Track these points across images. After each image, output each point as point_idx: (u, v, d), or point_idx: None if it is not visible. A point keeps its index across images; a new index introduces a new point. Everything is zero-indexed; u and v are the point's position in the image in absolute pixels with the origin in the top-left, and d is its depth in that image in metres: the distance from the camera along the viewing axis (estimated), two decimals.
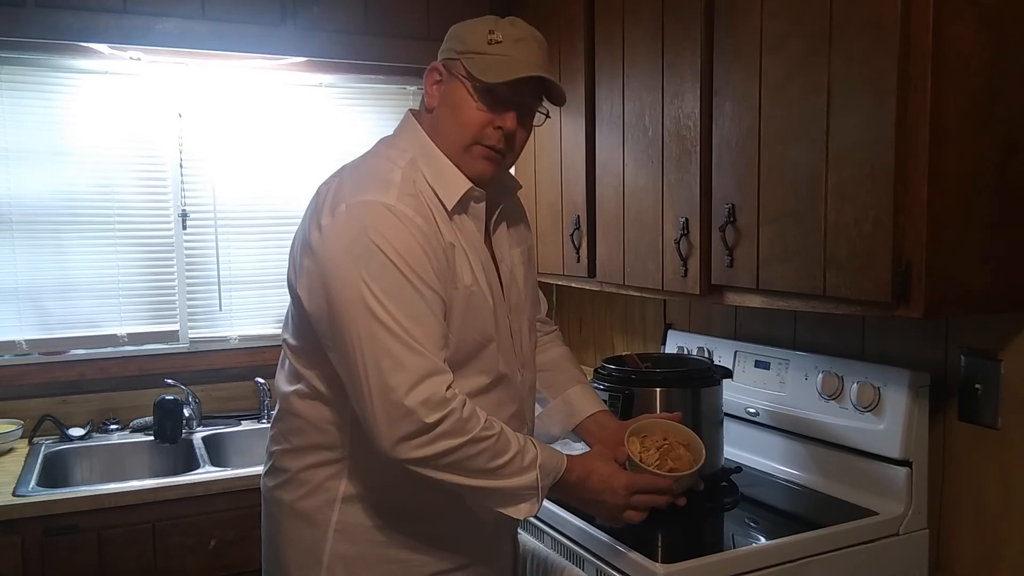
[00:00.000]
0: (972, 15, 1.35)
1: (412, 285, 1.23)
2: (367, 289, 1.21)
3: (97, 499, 2.02)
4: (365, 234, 1.23)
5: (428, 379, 1.21)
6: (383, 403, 1.20)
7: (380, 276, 1.22)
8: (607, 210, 2.14)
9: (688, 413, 1.88)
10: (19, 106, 2.47)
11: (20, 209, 2.49)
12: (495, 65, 1.31)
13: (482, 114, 1.33)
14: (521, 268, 1.50)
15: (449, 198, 1.34)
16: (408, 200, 1.29)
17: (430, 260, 1.27)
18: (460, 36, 1.36)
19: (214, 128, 2.70)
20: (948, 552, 1.72)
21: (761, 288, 1.66)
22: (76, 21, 2.24)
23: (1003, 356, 1.60)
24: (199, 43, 2.38)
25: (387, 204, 1.26)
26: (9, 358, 2.50)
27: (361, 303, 1.21)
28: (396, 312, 1.21)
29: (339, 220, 1.26)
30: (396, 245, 1.23)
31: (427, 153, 1.37)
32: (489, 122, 1.34)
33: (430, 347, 1.23)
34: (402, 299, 1.22)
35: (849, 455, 1.81)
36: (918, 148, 1.35)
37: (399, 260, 1.23)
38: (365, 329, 1.21)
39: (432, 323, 1.25)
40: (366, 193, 1.28)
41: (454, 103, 1.35)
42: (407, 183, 1.31)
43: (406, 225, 1.25)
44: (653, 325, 2.59)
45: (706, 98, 1.76)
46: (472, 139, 1.35)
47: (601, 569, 1.61)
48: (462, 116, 1.34)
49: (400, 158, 1.36)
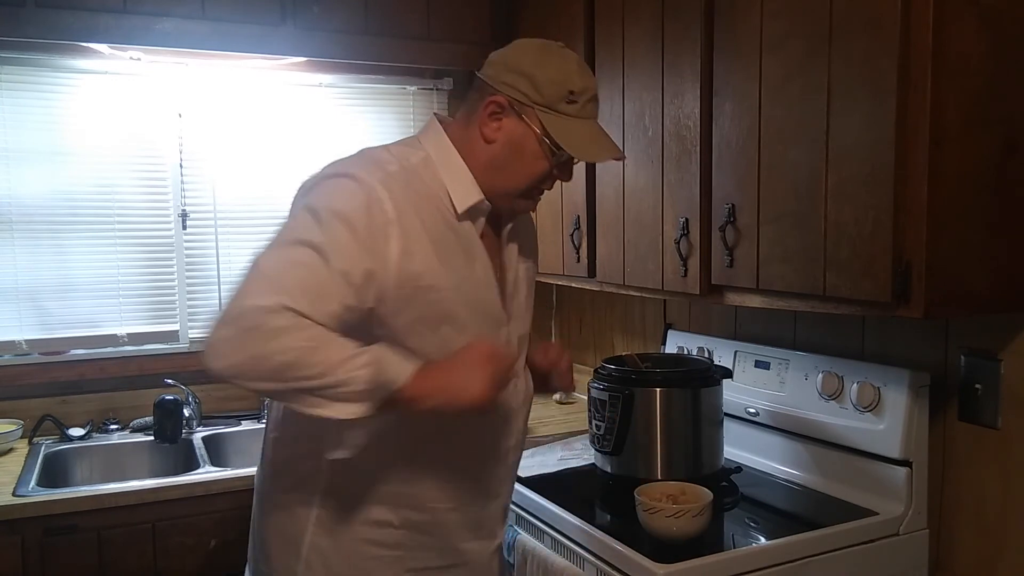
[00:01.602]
0: (972, 15, 1.35)
1: (326, 260, 1.22)
2: (299, 225, 1.26)
3: (97, 499, 2.02)
4: (322, 198, 1.28)
5: (252, 306, 1.19)
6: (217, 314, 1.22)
7: (312, 226, 1.24)
8: (607, 210, 2.14)
9: (688, 413, 1.88)
10: (19, 106, 2.47)
11: (20, 209, 2.48)
12: (576, 134, 1.33)
13: (549, 167, 1.35)
14: (525, 283, 1.50)
15: (461, 203, 1.35)
16: (395, 183, 1.29)
17: (367, 244, 1.25)
18: (533, 79, 1.31)
19: (214, 128, 2.70)
20: (948, 552, 1.72)
21: (761, 288, 1.66)
22: (76, 21, 2.23)
23: (1003, 356, 1.60)
24: (199, 43, 2.38)
25: (366, 180, 1.27)
26: (9, 358, 2.50)
27: (287, 233, 1.26)
28: (277, 255, 1.24)
29: (312, 180, 1.33)
30: (341, 216, 1.24)
31: (446, 157, 1.37)
32: (548, 171, 1.36)
33: (282, 290, 1.20)
34: (290, 252, 1.23)
35: (849, 455, 1.81)
36: (918, 148, 1.35)
37: (328, 228, 1.23)
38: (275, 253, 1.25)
39: (320, 290, 1.23)
40: (349, 167, 1.30)
41: (521, 151, 1.34)
42: (405, 172, 1.32)
43: (366, 206, 1.26)
44: (653, 325, 2.59)
45: (706, 98, 1.76)
46: (531, 184, 1.37)
47: (601, 569, 1.61)
48: (529, 167, 1.35)
49: (412, 154, 1.36)
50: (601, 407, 1.91)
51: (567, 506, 1.78)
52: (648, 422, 1.86)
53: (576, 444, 2.30)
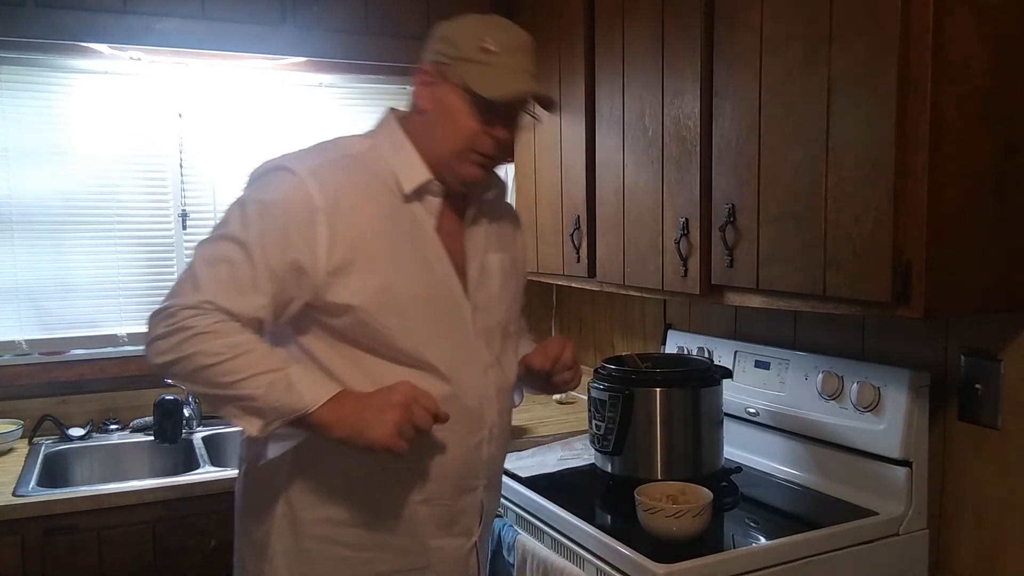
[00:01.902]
0: (972, 15, 1.35)
1: (249, 254, 1.26)
2: (227, 222, 1.31)
3: (97, 499, 2.02)
4: (253, 190, 1.33)
5: (179, 305, 1.24)
6: (155, 310, 1.27)
7: (236, 220, 1.29)
8: (607, 210, 2.14)
9: (688, 413, 1.88)
10: (19, 106, 2.47)
11: (20, 209, 2.48)
12: (492, 78, 1.32)
13: (476, 123, 1.34)
14: (499, 274, 1.48)
15: (408, 183, 1.36)
16: (329, 171, 1.31)
17: (292, 235, 1.27)
18: (451, 40, 1.35)
19: (214, 128, 2.70)
20: (948, 552, 1.72)
21: (761, 288, 1.66)
22: (76, 21, 2.23)
23: (1003, 356, 1.60)
24: (199, 43, 2.38)
25: (294, 171, 1.29)
26: (9, 358, 2.50)
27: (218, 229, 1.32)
28: (208, 252, 1.29)
29: (252, 173, 1.37)
30: (265, 207, 1.28)
31: (394, 141, 1.39)
32: (484, 131, 1.35)
33: (207, 288, 1.25)
34: (219, 247, 1.28)
35: (849, 455, 1.81)
36: (918, 148, 1.35)
37: (252, 222, 1.28)
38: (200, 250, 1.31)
39: (245, 285, 1.26)
40: (284, 160, 1.33)
41: (447, 109, 1.35)
42: (346, 159, 1.35)
43: (291, 197, 1.28)
44: (653, 325, 2.59)
45: (706, 98, 1.76)
46: (467, 145, 1.36)
47: (601, 569, 1.61)
48: (457, 124, 1.35)
49: (359, 143, 1.40)
50: (601, 407, 1.91)
51: (567, 506, 1.78)
52: (648, 422, 1.86)
53: (576, 444, 2.30)
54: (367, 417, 1.24)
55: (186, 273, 1.28)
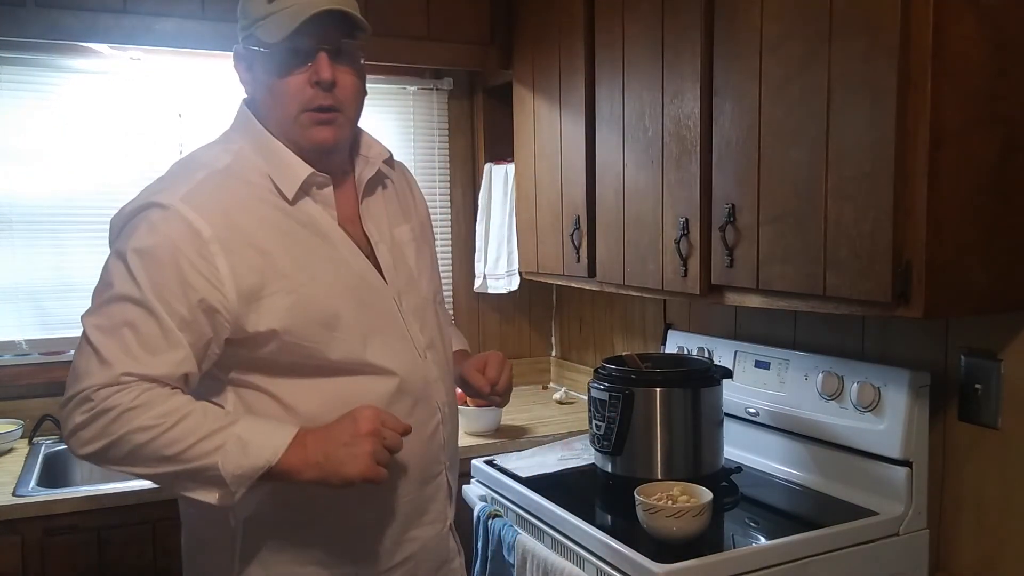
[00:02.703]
0: (972, 15, 1.35)
1: (150, 311, 1.16)
2: (99, 294, 1.20)
3: (97, 499, 2.02)
4: (128, 239, 1.20)
5: (93, 387, 1.14)
6: (64, 400, 1.18)
7: (112, 282, 1.18)
8: (607, 210, 2.14)
9: (688, 413, 1.88)
10: (19, 106, 2.47)
11: (20, 209, 2.48)
12: (276, 23, 1.22)
13: (292, 78, 1.25)
14: (411, 245, 1.41)
15: (288, 187, 1.27)
16: (202, 195, 1.21)
17: (189, 275, 1.17)
18: (243, 9, 1.28)
19: (214, 128, 2.68)
20: (948, 552, 1.72)
21: (761, 288, 1.66)
22: (76, 21, 2.23)
23: (1003, 356, 1.60)
24: (199, 43, 2.37)
25: (167, 205, 1.19)
26: (9, 358, 2.50)
27: (94, 302, 1.20)
28: (102, 321, 1.17)
29: (119, 218, 1.25)
30: (151, 256, 1.17)
31: (259, 142, 1.30)
32: (303, 83, 1.25)
33: (118, 360, 1.15)
34: (113, 312, 1.17)
35: (849, 455, 1.81)
36: (918, 148, 1.35)
37: (140, 274, 1.16)
38: (87, 324, 1.19)
39: (156, 344, 1.16)
40: (151, 195, 1.23)
41: (262, 79, 1.28)
42: (215, 176, 1.24)
43: (173, 235, 1.18)
44: (653, 325, 2.60)
45: (706, 98, 1.76)
46: (297, 108, 1.26)
47: (601, 569, 1.61)
48: (275, 89, 1.26)
49: (224, 153, 1.29)
50: (601, 407, 1.91)
51: (567, 506, 1.78)
52: (648, 422, 1.86)
53: (576, 444, 2.30)
54: (337, 455, 1.17)
55: (84, 351, 1.16)
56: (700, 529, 1.57)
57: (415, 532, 1.39)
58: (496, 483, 2.05)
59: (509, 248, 2.77)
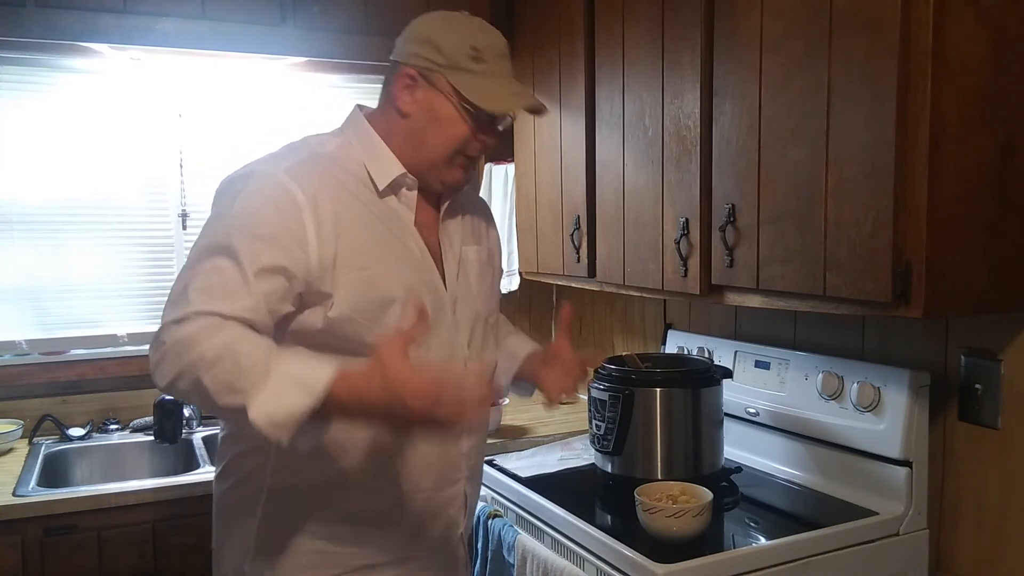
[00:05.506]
0: (972, 15, 1.35)
1: (238, 263, 1.21)
2: (205, 236, 1.27)
3: (97, 499, 2.02)
4: (230, 197, 1.28)
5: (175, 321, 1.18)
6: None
7: (219, 232, 1.25)
8: (607, 210, 2.14)
9: (688, 413, 1.88)
10: (19, 106, 2.47)
11: (20, 209, 2.48)
12: (486, 89, 1.33)
13: (468, 129, 1.36)
14: (476, 266, 1.49)
15: (381, 178, 1.36)
16: (303, 169, 1.30)
17: (280, 234, 1.24)
18: (437, 45, 1.34)
19: (214, 128, 2.70)
20: (948, 552, 1.72)
21: (761, 288, 1.66)
22: (76, 21, 2.23)
23: (1003, 356, 1.60)
24: (199, 43, 2.37)
25: (269, 173, 1.28)
26: (9, 358, 2.50)
27: (199, 245, 1.26)
28: (200, 268, 1.23)
29: (224, 182, 1.33)
30: (249, 214, 1.25)
31: (366, 139, 1.39)
32: (474, 137, 1.37)
33: (203, 304, 1.19)
34: (204, 259, 1.23)
35: (849, 455, 1.81)
36: (918, 148, 1.35)
37: (243, 226, 1.24)
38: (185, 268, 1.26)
39: (236, 289, 1.21)
40: (256, 164, 1.32)
41: (437, 117, 1.35)
42: (317, 158, 1.34)
43: (272, 196, 1.26)
44: (653, 325, 2.59)
45: (706, 98, 1.76)
46: (457, 151, 1.37)
47: (601, 569, 1.61)
48: (448, 131, 1.36)
49: (328, 141, 1.39)
50: (601, 407, 1.91)
51: (567, 506, 1.78)
52: (648, 422, 1.86)
53: (576, 444, 2.30)
54: (447, 396, 1.11)
55: (173, 293, 1.23)
56: (700, 529, 1.57)
57: (427, 532, 1.43)
58: (496, 483, 2.05)
59: (509, 248, 2.77)
